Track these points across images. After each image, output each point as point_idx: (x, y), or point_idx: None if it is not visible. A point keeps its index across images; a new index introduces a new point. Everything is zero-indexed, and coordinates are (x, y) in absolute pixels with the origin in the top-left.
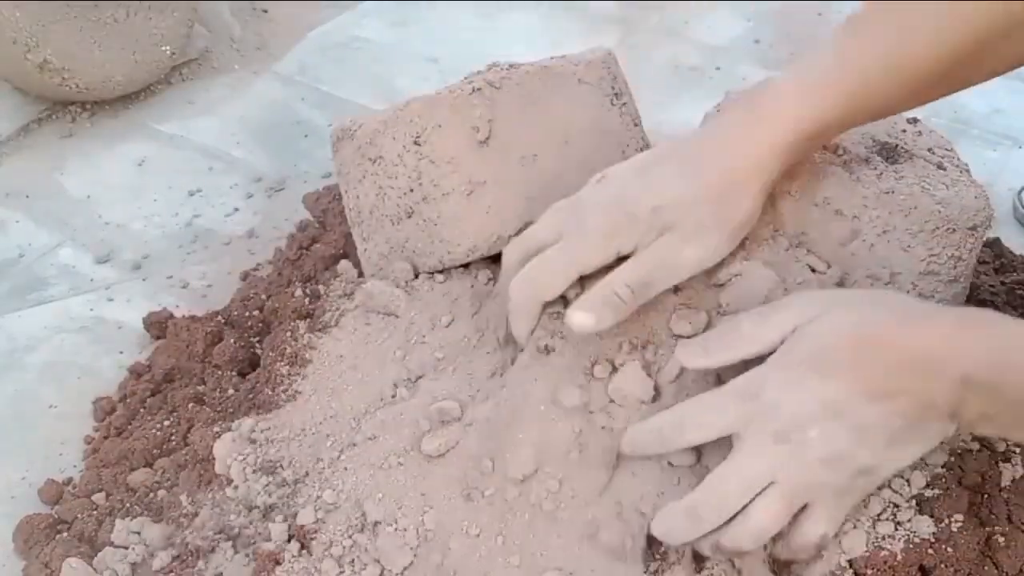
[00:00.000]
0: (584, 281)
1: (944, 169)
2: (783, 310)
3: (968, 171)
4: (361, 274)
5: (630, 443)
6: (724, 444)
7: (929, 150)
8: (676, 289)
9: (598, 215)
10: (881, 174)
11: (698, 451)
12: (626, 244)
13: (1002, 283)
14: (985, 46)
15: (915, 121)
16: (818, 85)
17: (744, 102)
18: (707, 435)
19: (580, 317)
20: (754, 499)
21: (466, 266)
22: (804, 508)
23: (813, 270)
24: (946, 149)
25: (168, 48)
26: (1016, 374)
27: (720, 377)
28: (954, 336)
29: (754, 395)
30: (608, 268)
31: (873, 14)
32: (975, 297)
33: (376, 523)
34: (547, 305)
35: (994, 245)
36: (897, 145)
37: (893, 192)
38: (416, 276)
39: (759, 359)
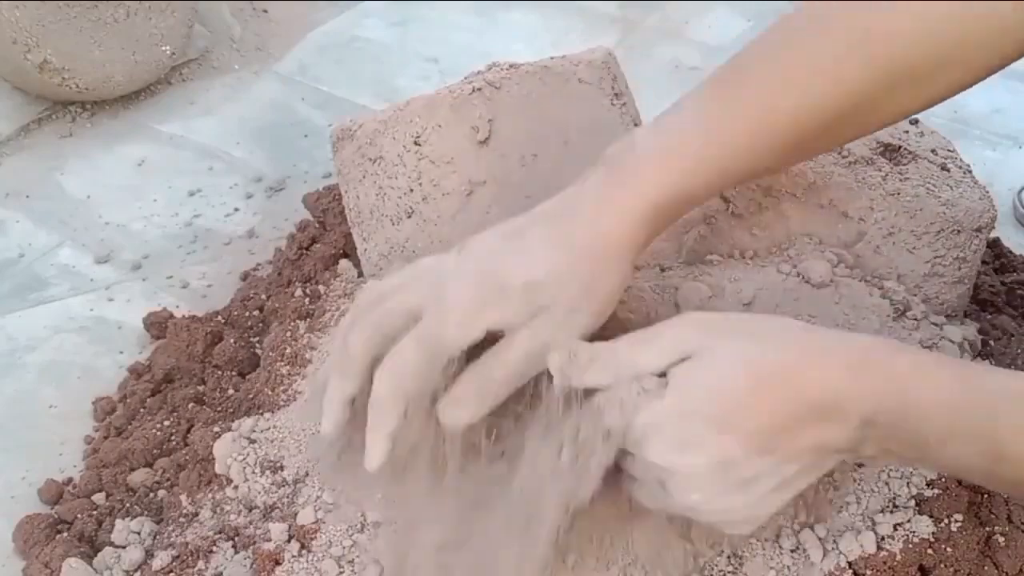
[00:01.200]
0: None
1: (948, 170)
2: (666, 334)
3: (971, 172)
4: (361, 274)
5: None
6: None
7: (932, 151)
8: None
9: (464, 288)
10: (886, 176)
11: None
12: (498, 321)
13: (1002, 283)
14: (862, 105)
15: (916, 122)
16: (680, 152)
17: (608, 162)
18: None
19: (454, 414)
20: None
21: None
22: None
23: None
24: (948, 150)
25: (168, 48)
26: (917, 410)
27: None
28: (854, 375)
29: (641, 442)
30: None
31: (737, 75)
32: (975, 297)
33: (376, 523)
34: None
35: (994, 245)
36: (901, 147)
37: (899, 194)
38: None
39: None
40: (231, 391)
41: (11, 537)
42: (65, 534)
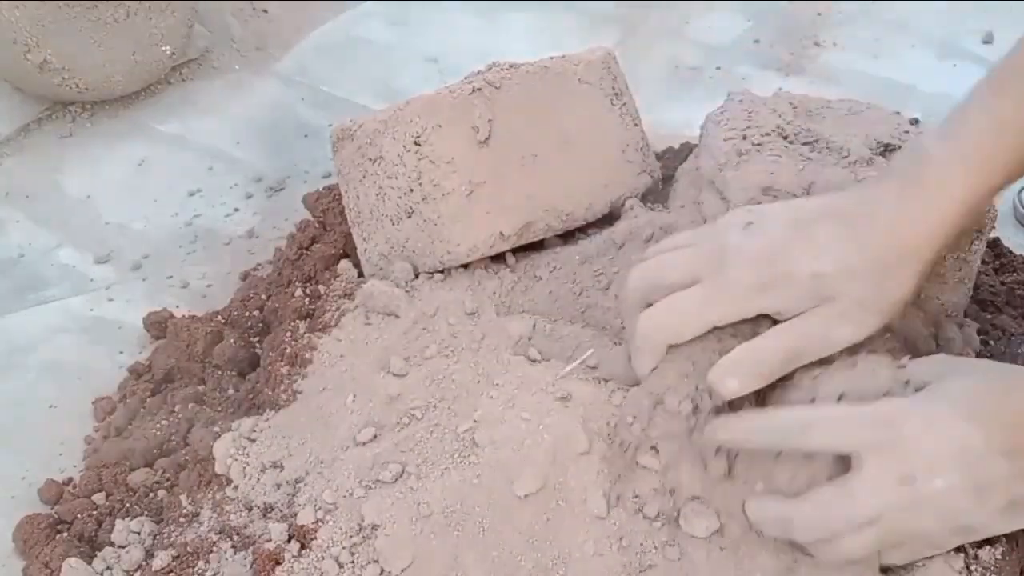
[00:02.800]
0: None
1: None
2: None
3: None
4: (361, 274)
5: (731, 431)
6: (762, 458)
7: None
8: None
9: (747, 267)
10: None
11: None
12: (776, 305)
13: (1002, 283)
14: None
15: (916, 122)
16: (981, 155)
17: (903, 173)
18: (832, 444)
19: (730, 384)
20: None
21: (466, 266)
22: None
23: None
24: None
25: (168, 48)
26: None
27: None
28: None
29: (891, 424)
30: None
31: (1015, 70)
32: (975, 297)
33: (375, 524)
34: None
35: (994, 245)
36: (900, 146)
37: None
38: (416, 276)
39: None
40: (231, 391)
41: (11, 537)
42: (65, 534)
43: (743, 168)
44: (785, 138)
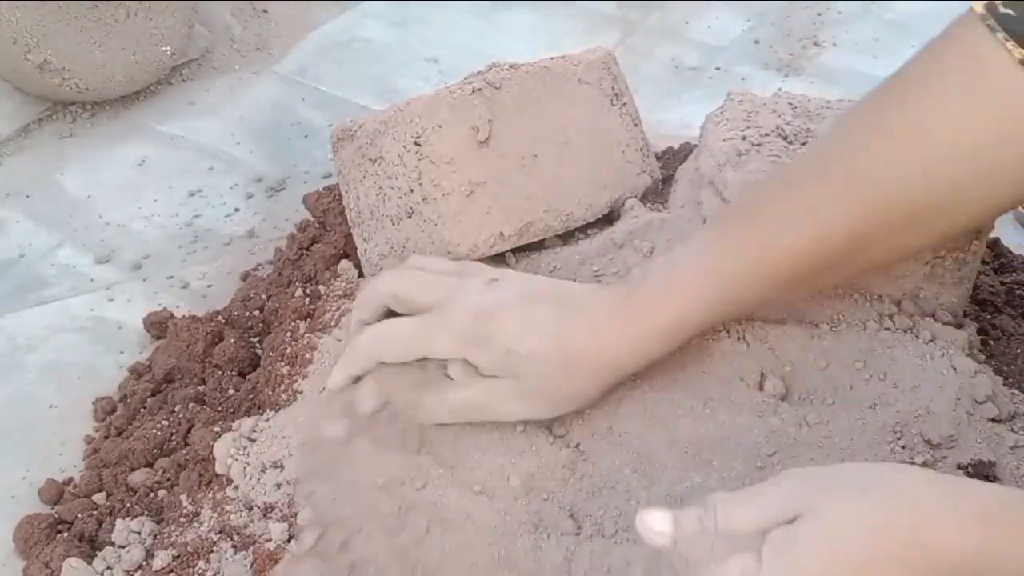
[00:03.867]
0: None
1: None
2: (769, 492)
3: None
4: (361, 274)
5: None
6: None
7: None
8: None
9: (462, 318)
10: None
11: None
12: (475, 360)
13: (1002, 283)
14: (860, 244)
15: None
16: (684, 291)
17: (624, 289)
18: None
19: (366, 404)
20: None
21: None
22: None
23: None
24: None
25: (168, 48)
26: None
27: None
28: (986, 544)
29: None
30: None
31: (741, 214)
32: (975, 297)
33: (374, 525)
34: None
35: (994, 245)
36: None
37: None
38: None
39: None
40: (231, 391)
41: (11, 537)
42: (65, 534)
43: (743, 168)
44: (785, 138)
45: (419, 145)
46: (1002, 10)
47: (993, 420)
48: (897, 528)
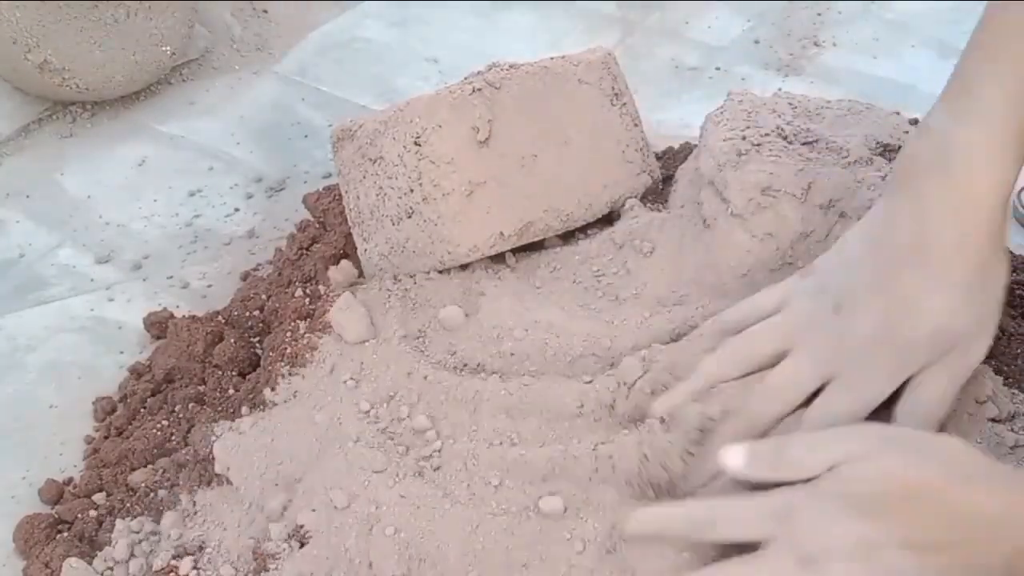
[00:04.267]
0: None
1: None
2: (834, 443)
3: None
4: (361, 274)
5: (640, 522)
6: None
7: None
8: None
9: (875, 349)
10: (885, 176)
11: None
12: (908, 374)
13: None
14: None
15: (916, 122)
16: (1005, 138)
17: (938, 167)
18: (736, 536)
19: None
20: None
21: (466, 266)
22: None
23: None
24: None
25: (168, 48)
26: None
27: None
28: (1016, 504)
29: (786, 518)
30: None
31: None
32: None
33: (373, 525)
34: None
35: None
36: (900, 147)
37: None
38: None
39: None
40: (231, 391)
41: (11, 537)
42: (65, 534)
43: (743, 168)
44: (785, 138)
45: (419, 145)
46: None
47: (993, 420)
48: (924, 475)
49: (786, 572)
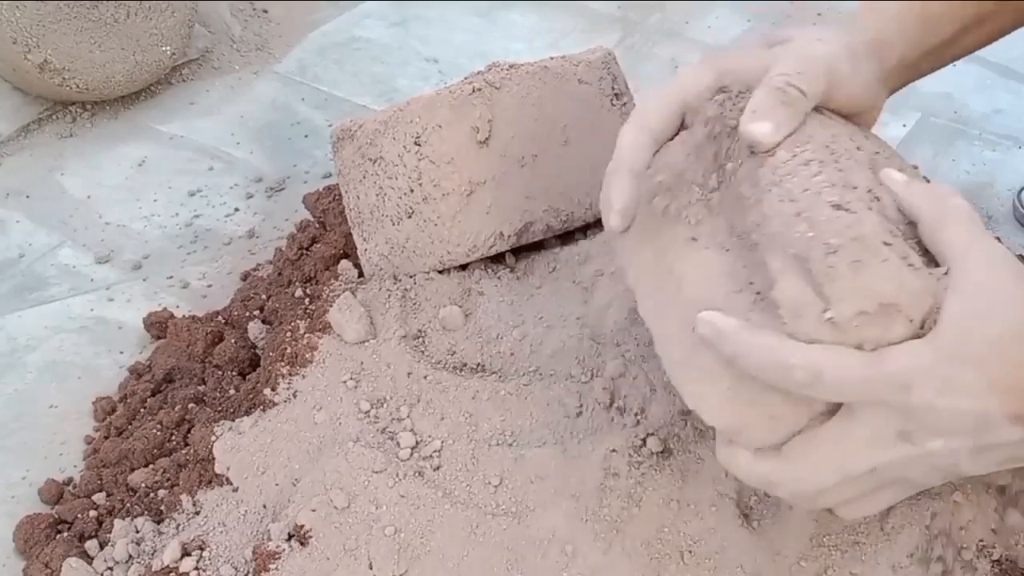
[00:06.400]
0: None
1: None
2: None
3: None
4: (361, 274)
5: (734, 343)
6: None
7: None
8: None
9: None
10: None
11: None
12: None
13: None
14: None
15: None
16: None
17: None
18: (841, 397)
19: (758, 128)
20: None
21: (465, 266)
22: None
23: None
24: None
25: (168, 48)
26: None
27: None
28: None
29: (905, 388)
30: None
31: None
32: None
33: (373, 525)
34: None
35: None
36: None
37: None
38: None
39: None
40: (231, 391)
41: (11, 537)
42: (65, 534)
43: (866, 270)
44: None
45: (419, 145)
46: None
47: None
48: None
49: (884, 445)
